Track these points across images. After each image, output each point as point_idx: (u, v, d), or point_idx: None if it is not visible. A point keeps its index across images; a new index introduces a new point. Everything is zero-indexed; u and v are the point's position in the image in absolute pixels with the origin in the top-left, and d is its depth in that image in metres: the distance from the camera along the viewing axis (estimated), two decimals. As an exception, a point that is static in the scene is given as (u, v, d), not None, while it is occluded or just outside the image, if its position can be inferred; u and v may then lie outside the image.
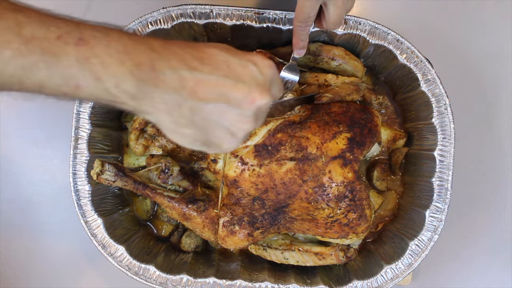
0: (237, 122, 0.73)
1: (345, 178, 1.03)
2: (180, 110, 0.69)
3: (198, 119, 0.70)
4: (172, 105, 0.68)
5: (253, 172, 1.03)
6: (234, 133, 0.74)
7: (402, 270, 1.14)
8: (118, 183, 1.09)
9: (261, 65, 0.75)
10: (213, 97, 0.69)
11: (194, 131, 0.72)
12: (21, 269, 1.33)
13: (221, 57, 0.72)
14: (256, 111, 0.73)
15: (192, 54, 0.70)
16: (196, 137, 0.74)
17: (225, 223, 1.06)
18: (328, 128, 1.05)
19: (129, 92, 0.65)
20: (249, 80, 0.72)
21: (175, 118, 0.69)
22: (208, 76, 0.69)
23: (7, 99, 1.31)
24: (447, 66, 1.26)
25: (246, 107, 0.72)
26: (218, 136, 0.74)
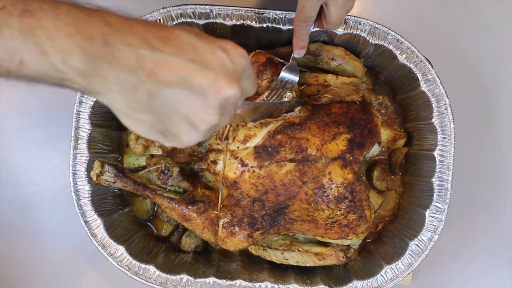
0: (199, 112, 0.66)
1: (345, 179, 1.03)
2: (136, 92, 0.62)
3: (156, 105, 0.64)
4: (127, 86, 0.61)
5: (253, 174, 1.03)
6: (195, 124, 0.67)
7: (402, 270, 1.14)
8: (118, 184, 1.09)
9: (232, 53, 0.68)
10: (175, 81, 0.63)
11: (150, 117, 0.65)
12: (21, 269, 1.33)
13: (188, 39, 0.65)
14: (222, 103, 0.66)
15: (155, 33, 0.63)
16: (152, 124, 0.66)
17: (225, 224, 1.06)
18: (328, 129, 1.05)
19: (77, 68, 0.58)
20: (217, 67, 0.66)
21: (129, 101, 0.63)
22: (170, 58, 0.63)
23: (7, 99, 1.31)
24: (447, 66, 1.26)
25: (211, 96, 0.65)
26: (176, 126, 0.67)
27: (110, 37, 0.60)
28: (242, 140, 1.04)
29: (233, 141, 1.04)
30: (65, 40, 0.57)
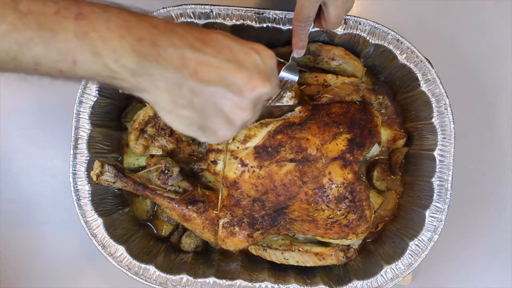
0: (235, 109, 0.72)
1: (345, 179, 1.03)
2: (180, 90, 0.67)
3: (198, 101, 0.69)
4: (172, 84, 0.66)
5: (253, 174, 1.03)
6: (232, 121, 0.74)
7: (402, 270, 1.14)
8: (118, 184, 1.09)
9: (264, 54, 0.74)
10: (215, 80, 0.68)
11: (192, 113, 0.70)
12: (21, 269, 1.33)
13: (224, 41, 0.71)
14: (256, 100, 0.73)
15: (195, 35, 0.69)
16: (193, 120, 0.72)
17: (225, 224, 1.06)
18: (328, 129, 1.05)
19: (129, 68, 0.63)
20: (251, 67, 0.71)
21: (174, 97, 0.68)
22: (210, 58, 0.68)
23: (7, 99, 1.31)
24: (447, 66, 1.26)
25: (247, 94, 0.71)
26: (215, 122, 0.73)
27: (157, 37, 0.65)
28: (242, 140, 1.04)
29: (233, 141, 1.04)
30: (118, 41, 0.62)
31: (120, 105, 1.24)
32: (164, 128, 1.16)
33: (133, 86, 0.66)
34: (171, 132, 1.16)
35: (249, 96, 0.71)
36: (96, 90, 1.14)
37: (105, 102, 1.17)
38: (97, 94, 1.14)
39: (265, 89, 0.72)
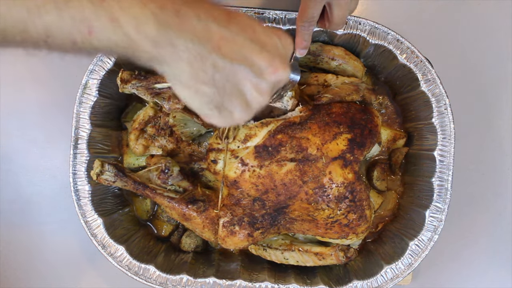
0: (254, 91, 0.70)
1: (345, 179, 1.03)
2: (203, 63, 0.64)
3: (219, 78, 0.66)
4: (196, 56, 0.63)
5: (254, 173, 1.03)
6: (249, 103, 0.72)
7: (402, 270, 1.14)
8: (118, 183, 1.09)
9: (284, 40, 0.72)
10: (238, 58, 0.66)
11: (212, 90, 0.67)
12: (21, 269, 1.33)
13: (248, 21, 0.68)
14: (275, 84, 0.71)
15: (219, 10, 0.66)
16: (212, 98, 0.68)
17: (225, 223, 1.06)
18: (328, 129, 1.05)
19: (150, 36, 0.59)
20: (272, 50, 0.69)
21: (195, 71, 0.64)
22: (234, 35, 0.65)
23: (7, 99, 1.31)
24: (447, 66, 1.25)
25: (267, 77, 0.69)
26: (233, 103, 0.70)
27: (180, 7, 0.61)
28: (242, 139, 1.04)
29: (234, 141, 1.04)
30: (138, 8, 0.58)
31: (120, 105, 1.24)
32: (164, 128, 1.16)
33: (153, 57, 0.62)
34: (171, 132, 1.16)
35: (269, 79, 0.69)
36: (96, 90, 1.14)
37: (105, 102, 1.17)
38: (97, 94, 1.14)
39: (285, 73, 0.70)
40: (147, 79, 1.11)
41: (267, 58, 0.68)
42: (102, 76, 1.14)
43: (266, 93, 0.71)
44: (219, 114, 0.72)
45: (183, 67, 0.64)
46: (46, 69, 1.32)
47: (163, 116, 1.16)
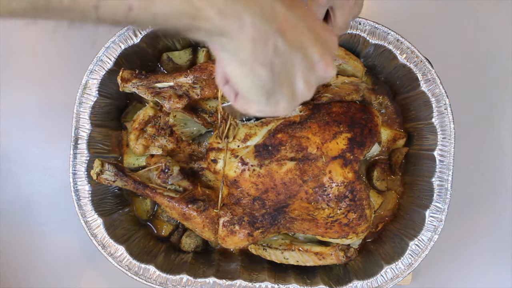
0: (303, 84, 0.67)
1: (345, 178, 1.03)
2: (265, 44, 0.60)
3: (277, 64, 0.63)
4: (260, 34, 0.59)
5: (253, 172, 1.03)
6: (296, 95, 0.69)
7: (402, 270, 1.14)
8: (118, 183, 1.09)
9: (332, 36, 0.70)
10: (296, 44, 0.63)
11: (267, 74, 0.63)
12: (21, 269, 1.33)
13: (307, 10, 0.66)
14: (320, 81, 0.69)
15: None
16: (265, 83, 0.64)
17: (225, 223, 1.06)
18: (328, 128, 1.05)
19: (217, 6, 0.55)
20: (324, 44, 0.67)
21: (257, 49, 0.60)
22: (296, 20, 0.62)
23: (7, 99, 1.32)
24: (447, 66, 1.25)
25: (317, 71, 0.67)
26: (282, 92, 0.67)
27: None
28: (242, 139, 1.04)
29: (234, 140, 1.05)
30: None
31: (120, 105, 1.24)
32: (164, 128, 1.16)
33: (216, 28, 0.57)
34: (171, 132, 1.16)
35: (318, 74, 0.67)
36: (96, 90, 1.14)
37: (105, 102, 1.17)
38: (97, 94, 1.14)
39: (332, 71, 0.68)
40: (147, 78, 1.11)
41: (320, 51, 0.66)
42: (102, 76, 1.14)
43: (312, 88, 0.69)
44: (265, 101, 0.68)
45: (245, 43, 0.60)
46: (46, 69, 1.32)
47: (163, 116, 1.16)
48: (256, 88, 0.65)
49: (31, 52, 1.32)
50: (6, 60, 1.32)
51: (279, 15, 0.60)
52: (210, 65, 1.10)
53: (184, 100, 1.09)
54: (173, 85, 1.10)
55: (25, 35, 1.32)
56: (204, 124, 1.14)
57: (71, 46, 1.32)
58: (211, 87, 1.10)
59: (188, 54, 1.23)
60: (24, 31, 1.32)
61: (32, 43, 1.32)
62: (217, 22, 0.56)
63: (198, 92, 1.10)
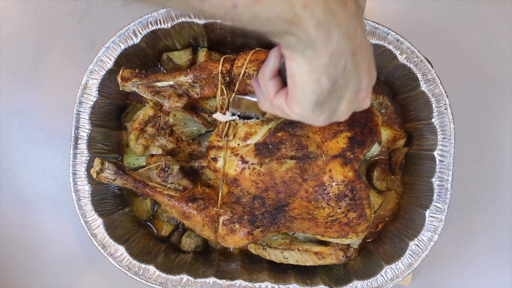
0: (346, 105, 0.72)
1: (345, 177, 1.03)
2: (339, 59, 0.65)
3: (340, 80, 0.67)
4: (339, 50, 0.63)
5: (254, 171, 1.03)
6: (336, 113, 0.73)
7: (402, 270, 1.14)
8: (118, 181, 1.09)
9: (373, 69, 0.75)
10: (359, 69, 0.68)
11: (329, 86, 0.68)
12: (21, 269, 1.33)
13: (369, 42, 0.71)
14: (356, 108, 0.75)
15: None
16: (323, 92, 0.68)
17: (225, 221, 1.06)
18: (328, 127, 1.05)
19: (316, 17, 0.58)
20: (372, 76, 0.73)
21: (331, 63, 0.64)
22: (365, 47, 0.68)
23: (7, 99, 1.32)
24: (447, 66, 1.26)
25: (359, 97, 0.72)
26: (331, 106, 0.72)
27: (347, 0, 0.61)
28: (242, 137, 1.04)
29: (234, 138, 1.05)
30: None
31: (120, 105, 1.24)
32: (164, 127, 1.16)
33: (308, 38, 0.61)
34: (171, 131, 1.16)
35: (358, 100, 0.72)
36: (96, 90, 1.14)
37: (105, 102, 1.17)
38: (97, 94, 1.14)
39: (369, 103, 0.74)
40: (147, 77, 1.11)
41: (367, 82, 0.72)
42: (102, 76, 1.14)
43: (349, 112, 0.74)
44: (312, 110, 0.71)
45: (323, 54, 0.63)
46: (46, 69, 1.32)
47: (163, 116, 1.16)
48: (312, 95, 0.69)
49: (31, 52, 1.32)
50: (6, 60, 1.32)
51: (356, 38, 0.64)
52: (210, 64, 1.10)
53: (184, 99, 1.09)
54: (173, 84, 1.10)
55: (25, 35, 1.33)
56: (204, 123, 1.14)
57: (71, 46, 1.32)
58: (211, 86, 1.10)
59: (188, 54, 1.23)
60: (25, 31, 1.32)
61: (32, 43, 1.32)
62: (311, 32, 0.59)
63: (198, 91, 1.10)
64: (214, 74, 1.09)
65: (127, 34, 1.13)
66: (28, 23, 1.33)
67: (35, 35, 1.33)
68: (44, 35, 1.33)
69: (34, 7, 1.33)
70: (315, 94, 0.68)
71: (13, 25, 1.33)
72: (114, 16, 1.31)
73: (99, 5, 1.32)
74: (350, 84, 0.69)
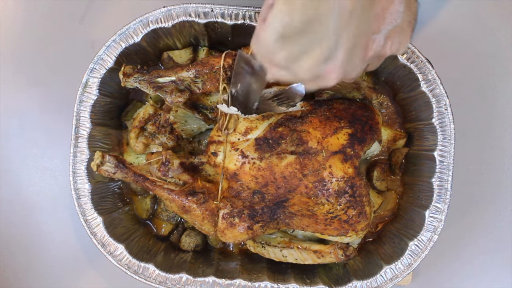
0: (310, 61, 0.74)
1: (345, 173, 1.03)
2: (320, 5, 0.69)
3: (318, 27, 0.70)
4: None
5: (254, 166, 1.03)
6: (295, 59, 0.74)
7: (402, 270, 1.14)
8: (118, 175, 1.09)
9: None
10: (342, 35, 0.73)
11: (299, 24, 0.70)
12: (21, 269, 1.33)
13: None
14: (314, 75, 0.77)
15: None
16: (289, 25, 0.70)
17: (225, 215, 1.06)
18: (329, 123, 1.05)
19: None
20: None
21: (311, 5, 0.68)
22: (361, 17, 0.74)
23: (7, 99, 1.32)
24: (448, 66, 1.26)
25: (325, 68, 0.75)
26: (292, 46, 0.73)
27: None
28: (243, 132, 1.04)
29: (234, 133, 1.05)
30: None
31: (120, 104, 1.24)
32: (165, 125, 1.16)
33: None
34: (171, 129, 1.16)
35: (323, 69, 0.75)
36: (96, 89, 1.14)
37: (105, 101, 1.17)
38: (97, 92, 1.14)
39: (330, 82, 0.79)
40: (149, 73, 1.11)
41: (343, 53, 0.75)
42: (102, 75, 1.14)
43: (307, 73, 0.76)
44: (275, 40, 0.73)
45: None
46: (46, 68, 1.32)
47: (163, 114, 1.17)
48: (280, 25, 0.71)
49: (31, 52, 1.33)
50: (6, 60, 1.32)
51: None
52: (212, 59, 1.10)
53: (186, 94, 1.10)
54: (175, 79, 1.10)
55: (25, 35, 1.33)
56: (205, 119, 1.14)
57: (71, 46, 1.32)
58: (212, 81, 1.10)
59: (188, 53, 1.23)
60: (25, 31, 1.33)
61: (32, 43, 1.33)
62: None
63: (200, 86, 1.10)
64: (216, 69, 1.09)
65: (128, 33, 1.13)
66: (28, 23, 1.33)
67: (35, 35, 1.33)
68: (44, 35, 1.33)
69: (34, 7, 1.33)
70: (282, 24, 0.70)
71: (13, 25, 1.33)
72: (116, 14, 1.31)
73: (101, 4, 1.32)
74: (324, 43, 0.70)
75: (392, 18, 0.79)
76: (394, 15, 0.79)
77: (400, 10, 0.79)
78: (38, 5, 1.33)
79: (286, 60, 0.74)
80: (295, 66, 0.75)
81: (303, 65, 0.74)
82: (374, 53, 0.82)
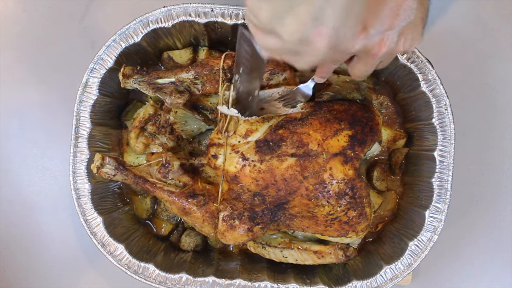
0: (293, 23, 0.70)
1: (345, 175, 1.03)
2: None
3: None
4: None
5: (254, 168, 1.03)
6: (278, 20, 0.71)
7: (402, 270, 1.14)
8: (118, 177, 1.09)
9: None
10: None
11: None
12: (21, 269, 1.33)
13: None
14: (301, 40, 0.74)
15: None
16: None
17: (225, 217, 1.06)
18: (329, 125, 1.05)
19: None
20: None
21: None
22: None
23: (7, 99, 1.32)
24: (447, 66, 1.26)
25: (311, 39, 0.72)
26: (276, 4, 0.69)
27: None
28: (243, 134, 1.04)
29: (234, 135, 1.05)
30: None
31: (120, 104, 1.24)
32: (165, 126, 1.16)
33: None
34: (171, 130, 1.16)
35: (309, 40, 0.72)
36: (96, 89, 1.14)
37: (106, 100, 1.17)
38: (97, 92, 1.14)
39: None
40: (149, 74, 1.11)
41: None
42: (102, 75, 1.14)
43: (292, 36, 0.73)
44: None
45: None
46: (47, 68, 1.32)
47: (163, 114, 1.17)
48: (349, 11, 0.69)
49: (31, 52, 1.33)
50: (6, 60, 1.32)
51: None
52: (212, 60, 1.10)
53: (186, 95, 1.10)
54: (175, 80, 1.10)
55: (25, 35, 1.33)
56: (205, 120, 1.14)
57: (71, 45, 1.32)
58: (212, 82, 1.10)
59: (188, 53, 1.23)
60: (25, 31, 1.33)
61: (32, 43, 1.33)
62: None
63: (199, 88, 1.10)
64: (215, 70, 1.09)
65: (128, 32, 1.13)
66: (28, 23, 1.33)
67: (35, 35, 1.33)
68: (44, 35, 1.33)
69: (34, 7, 1.33)
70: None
71: (13, 25, 1.33)
72: (116, 14, 1.31)
73: (101, 3, 1.32)
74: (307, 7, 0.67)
75: (406, 14, 0.78)
76: (408, 11, 0.78)
77: (414, 6, 0.78)
78: (38, 5, 1.33)
79: (270, 19, 0.71)
80: (280, 27, 0.71)
81: (288, 25, 0.70)
82: (387, 49, 0.80)
